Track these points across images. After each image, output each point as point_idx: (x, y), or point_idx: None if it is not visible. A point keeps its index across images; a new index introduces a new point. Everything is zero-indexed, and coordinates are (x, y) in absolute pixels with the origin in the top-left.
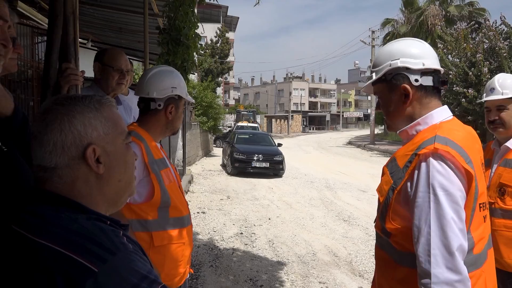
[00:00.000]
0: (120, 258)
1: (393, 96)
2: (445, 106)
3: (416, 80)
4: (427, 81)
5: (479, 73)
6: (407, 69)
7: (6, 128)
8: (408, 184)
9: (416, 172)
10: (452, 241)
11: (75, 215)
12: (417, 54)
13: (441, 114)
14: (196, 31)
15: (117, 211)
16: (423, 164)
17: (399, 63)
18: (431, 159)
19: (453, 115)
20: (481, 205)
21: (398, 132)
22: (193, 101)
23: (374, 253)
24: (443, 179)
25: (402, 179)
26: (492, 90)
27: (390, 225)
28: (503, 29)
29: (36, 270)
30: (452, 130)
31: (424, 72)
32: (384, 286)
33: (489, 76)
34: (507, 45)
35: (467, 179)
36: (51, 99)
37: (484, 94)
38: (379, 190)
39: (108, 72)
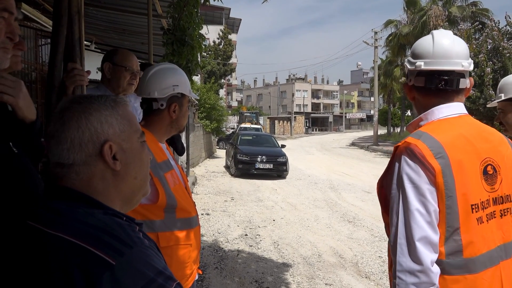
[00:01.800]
0: (137, 252)
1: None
2: (454, 103)
3: (410, 80)
4: (419, 82)
5: (482, 73)
6: (408, 68)
7: (29, 132)
8: (389, 177)
9: (392, 165)
10: (413, 231)
11: (91, 210)
12: (417, 54)
13: (443, 111)
14: (200, 31)
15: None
16: (397, 158)
17: (406, 61)
18: (402, 153)
19: (463, 113)
20: (473, 206)
21: (406, 127)
22: (197, 97)
23: (380, 255)
24: (411, 172)
25: (385, 172)
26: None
27: (385, 219)
28: (508, 30)
29: (53, 263)
30: (443, 126)
31: (420, 73)
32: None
33: (491, 77)
34: (511, 45)
35: (435, 173)
36: (67, 98)
37: None
38: None
39: (120, 72)
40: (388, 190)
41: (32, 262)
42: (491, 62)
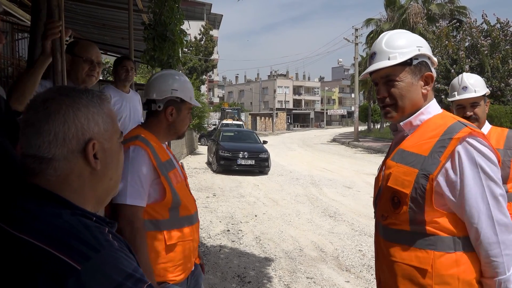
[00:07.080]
0: (104, 256)
1: (414, 82)
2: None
3: (432, 70)
4: (435, 73)
5: (460, 70)
6: (429, 58)
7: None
8: (448, 167)
9: (456, 154)
10: (506, 211)
11: (59, 210)
12: (429, 47)
13: (436, 105)
14: (181, 27)
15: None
16: (463, 147)
17: (426, 50)
18: (471, 141)
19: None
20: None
21: (402, 123)
22: (199, 105)
23: (360, 248)
24: (485, 159)
25: (437, 164)
26: (465, 88)
27: (432, 212)
28: (484, 27)
29: (16, 267)
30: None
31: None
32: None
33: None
34: (488, 42)
35: (497, 158)
36: (52, 88)
37: (456, 93)
38: (396, 183)
39: (78, 63)
40: (459, 180)
41: None
42: (469, 60)
